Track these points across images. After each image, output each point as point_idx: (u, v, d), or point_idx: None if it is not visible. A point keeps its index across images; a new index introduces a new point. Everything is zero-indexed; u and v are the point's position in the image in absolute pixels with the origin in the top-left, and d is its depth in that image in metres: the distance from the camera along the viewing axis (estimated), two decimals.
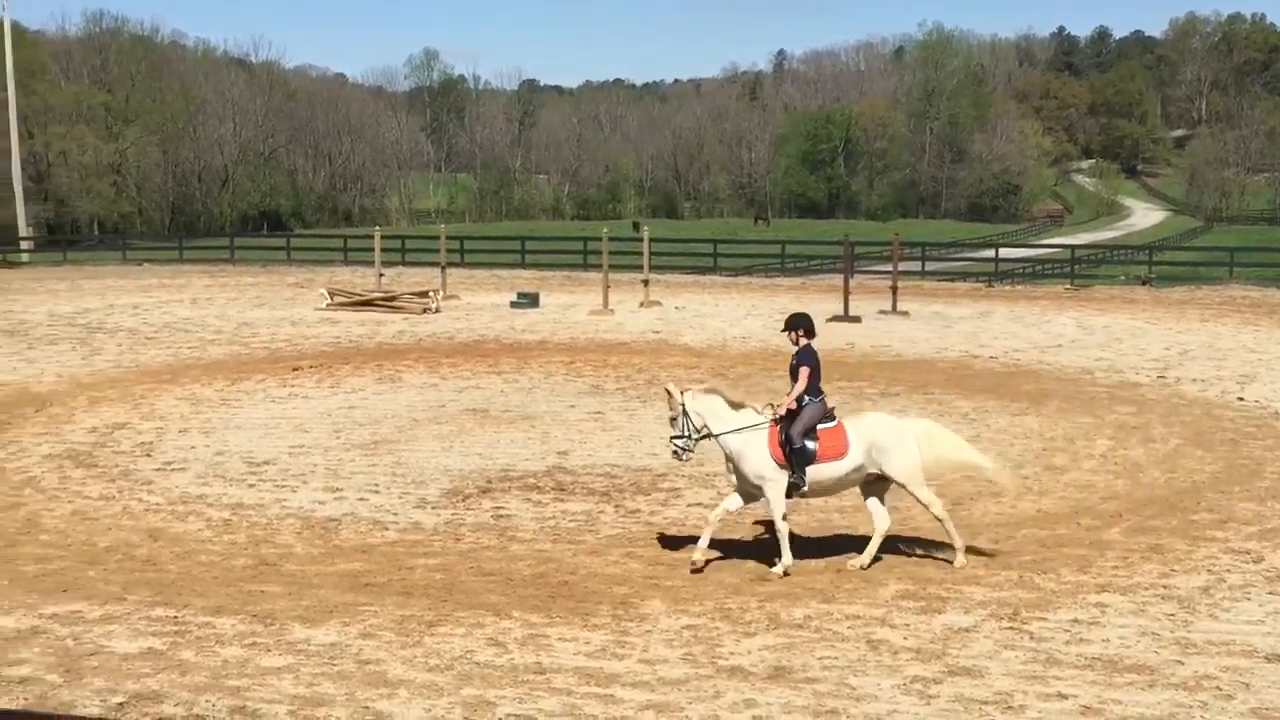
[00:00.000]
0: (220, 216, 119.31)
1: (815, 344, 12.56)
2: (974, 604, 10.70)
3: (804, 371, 12.15)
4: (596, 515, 13.71)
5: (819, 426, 11.96)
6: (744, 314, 33.18)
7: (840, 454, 11.87)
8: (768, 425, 11.92)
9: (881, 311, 32.94)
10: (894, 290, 33.74)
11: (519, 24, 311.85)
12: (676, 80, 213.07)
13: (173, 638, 10.01)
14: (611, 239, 37.09)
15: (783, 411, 12.02)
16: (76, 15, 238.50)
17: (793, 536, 11.84)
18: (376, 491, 14.80)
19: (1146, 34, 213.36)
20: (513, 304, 35.36)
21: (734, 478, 11.94)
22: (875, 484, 12.02)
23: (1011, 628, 10.14)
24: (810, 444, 11.81)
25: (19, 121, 70.85)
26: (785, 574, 11.56)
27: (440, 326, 30.83)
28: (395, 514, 13.82)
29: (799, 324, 12.53)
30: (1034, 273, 55.06)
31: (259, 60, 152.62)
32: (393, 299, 35.01)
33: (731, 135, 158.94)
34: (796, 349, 12.36)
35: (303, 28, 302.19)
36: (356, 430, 18.35)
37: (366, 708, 8.65)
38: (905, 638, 9.94)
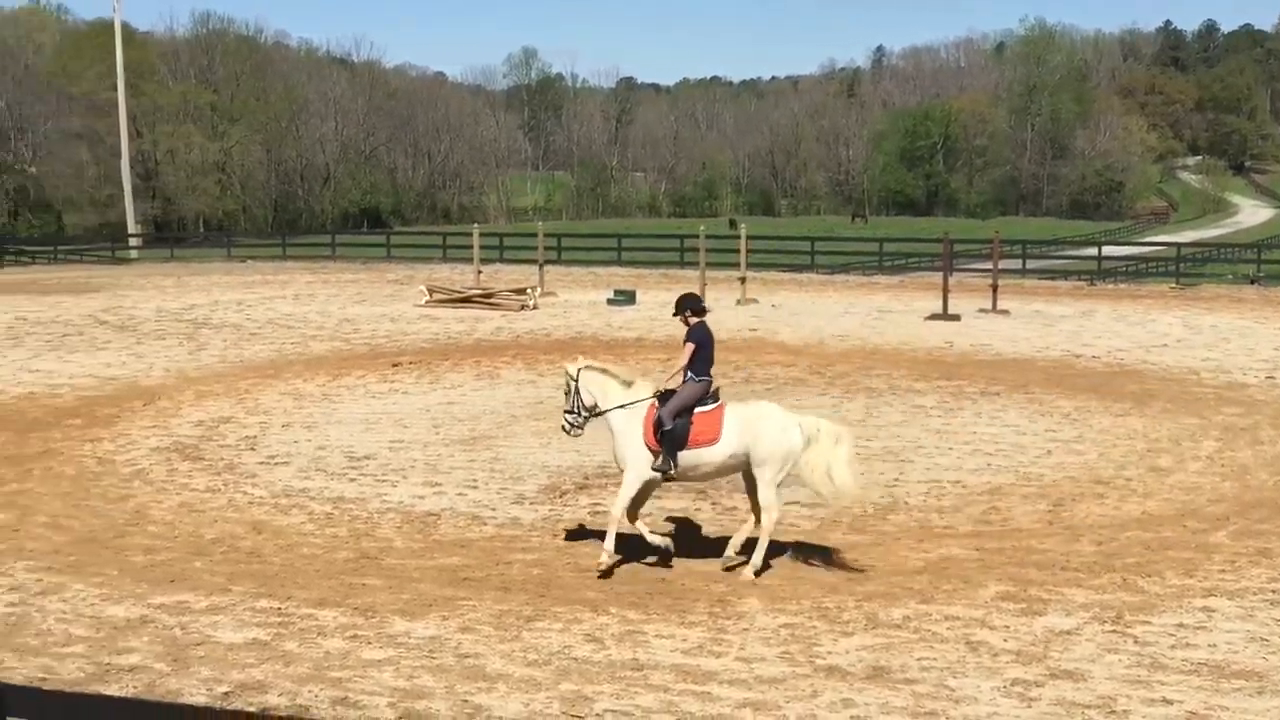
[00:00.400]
0: (321, 214, 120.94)
1: (710, 323, 12.35)
2: (1076, 606, 10.55)
3: (688, 348, 11.90)
4: (694, 512, 13.71)
5: (697, 410, 11.61)
6: (841, 312, 32.99)
7: (713, 439, 11.48)
8: (648, 405, 11.67)
9: (981, 310, 32.58)
10: (994, 288, 33.34)
11: (617, 22, 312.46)
12: (774, 77, 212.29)
13: (276, 629, 10.17)
14: (708, 236, 37.08)
15: (664, 388, 11.82)
16: (184, 16, 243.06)
17: (693, 531, 11.73)
18: (475, 487, 14.92)
19: (1256, 27, 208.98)
20: (609, 301, 35.45)
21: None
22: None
23: (1115, 631, 9.99)
24: (681, 426, 11.46)
25: (128, 121, 72.24)
26: (604, 570, 11.44)
27: (537, 323, 31.00)
28: (493, 509, 13.93)
29: (686, 305, 12.29)
30: (1138, 271, 54.15)
31: (360, 60, 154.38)
32: (491, 296, 35.26)
33: (829, 132, 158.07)
34: (688, 329, 12.06)
35: (403, 27, 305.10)
36: (455, 426, 18.51)
37: (465, 701, 8.72)
38: (1005, 640, 9.83)
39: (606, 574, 11.42)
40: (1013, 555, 11.99)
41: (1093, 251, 55.75)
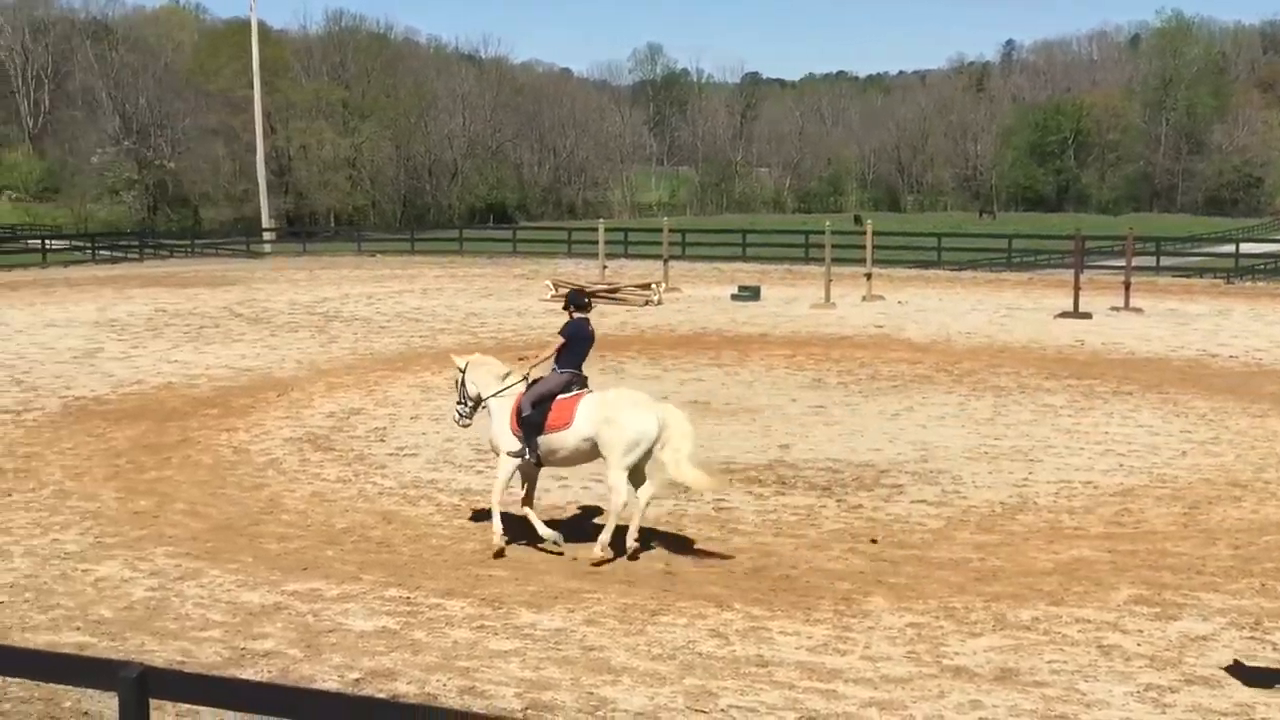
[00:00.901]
0: (449, 209, 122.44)
1: (593, 319, 13.10)
2: (1212, 611, 10.31)
3: (557, 341, 12.61)
4: (818, 510, 13.64)
5: (560, 397, 12.14)
6: (968, 309, 32.58)
7: (565, 424, 11.99)
8: (518, 393, 12.37)
9: (1113, 308, 31.97)
10: (1126, 286, 32.71)
11: (742, 17, 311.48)
12: (901, 72, 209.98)
13: (405, 618, 10.33)
14: (834, 232, 36.86)
15: (528, 373, 12.64)
16: (318, 14, 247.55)
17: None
18: (600, 481, 14.96)
19: None
20: (734, 297, 35.41)
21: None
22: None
23: (1253, 637, 9.74)
24: (539, 413, 12.03)
25: (263, 117, 73.75)
26: (497, 551, 11.98)
27: (662, 318, 31.07)
28: None
29: (570, 301, 13.03)
30: (1278, 269, 52.71)
31: (488, 56, 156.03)
32: (615, 291, 35.41)
33: (956, 127, 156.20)
34: (566, 322, 12.81)
35: (530, 24, 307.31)
36: None
37: (591, 693, 8.78)
38: (1139, 644, 9.64)
39: (499, 554, 12.01)
40: (1146, 558, 11.75)
41: (1230, 249, 54.47)
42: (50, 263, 53.25)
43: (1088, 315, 30.34)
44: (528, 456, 12.19)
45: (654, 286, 35.58)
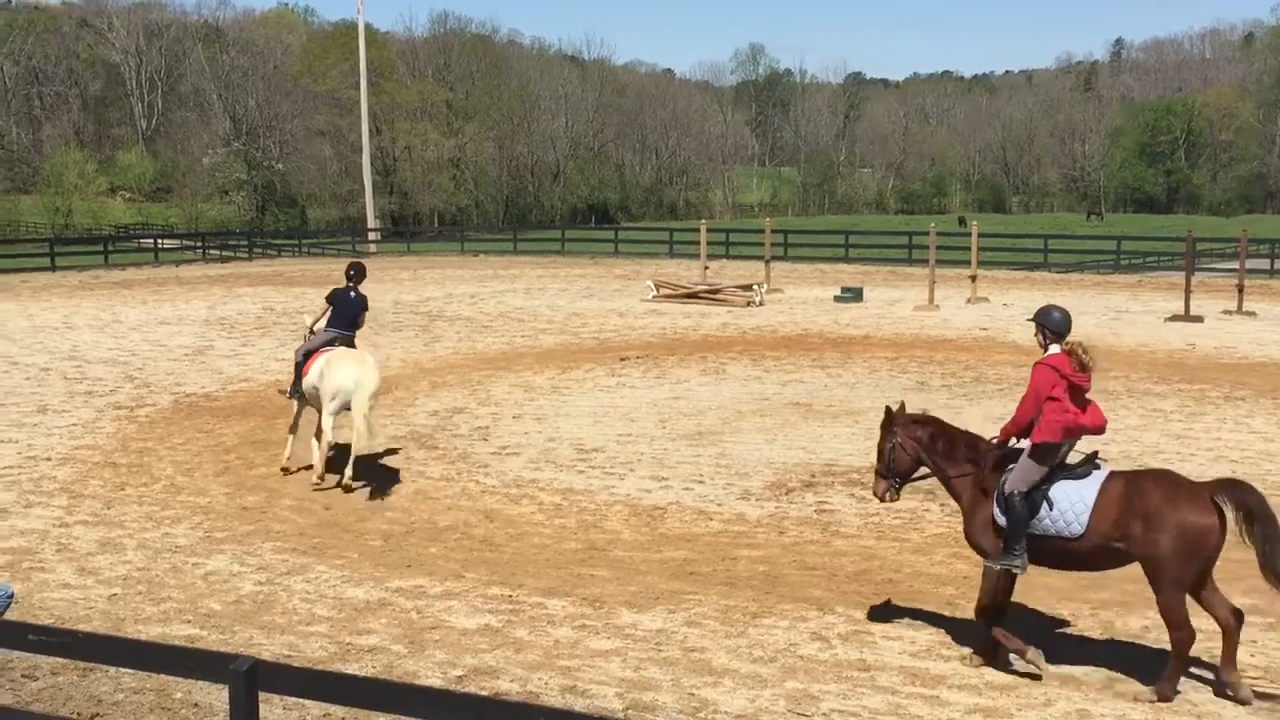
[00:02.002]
0: (551, 209, 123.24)
1: (367, 290, 16.46)
2: None
3: (326, 306, 15.95)
4: (921, 514, 13.51)
5: (317, 351, 15.25)
6: (1076, 311, 31.95)
7: (306, 373, 15.10)
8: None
9: (1225, 311, 31.31)
10: (1240, 289, 32.00)
11: (846, 17, 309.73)
12: (1007, 71, 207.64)
13: (508, 616, 10.40)
14: (938, 233, 36.50)
15: (309, 334, 16.05)
16: (423, 16, 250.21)
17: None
18: (701, 482, 14.98)
19: None
20: (836, 298, 35.21)
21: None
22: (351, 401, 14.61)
23: None
24: (302, 363, 15.29)
25: (369, 118, 74.68)
26: (318, 479, 14.72)
27: (764, 319, 30.97)
28: (719, 504, 13.97)
29: (350, 273, 16.17)
30: None
31: (591, 57, 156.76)
32: (717, 291, 35.37)
33: (1064, 127, 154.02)
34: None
35: (633, 25, 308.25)
36: (682, 421, 18.62)
37: (692, 694, 8.77)
38: (1251, 655, 9.43)
39: (286, 470, 15.46)
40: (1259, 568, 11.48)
41: None
42: (162, 261, 54.38)
43: (1199, 319, 29.74)
44: (291, 395, 15.82)
45: (756, 287, 35.48)
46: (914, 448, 9.64)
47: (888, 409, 9.89)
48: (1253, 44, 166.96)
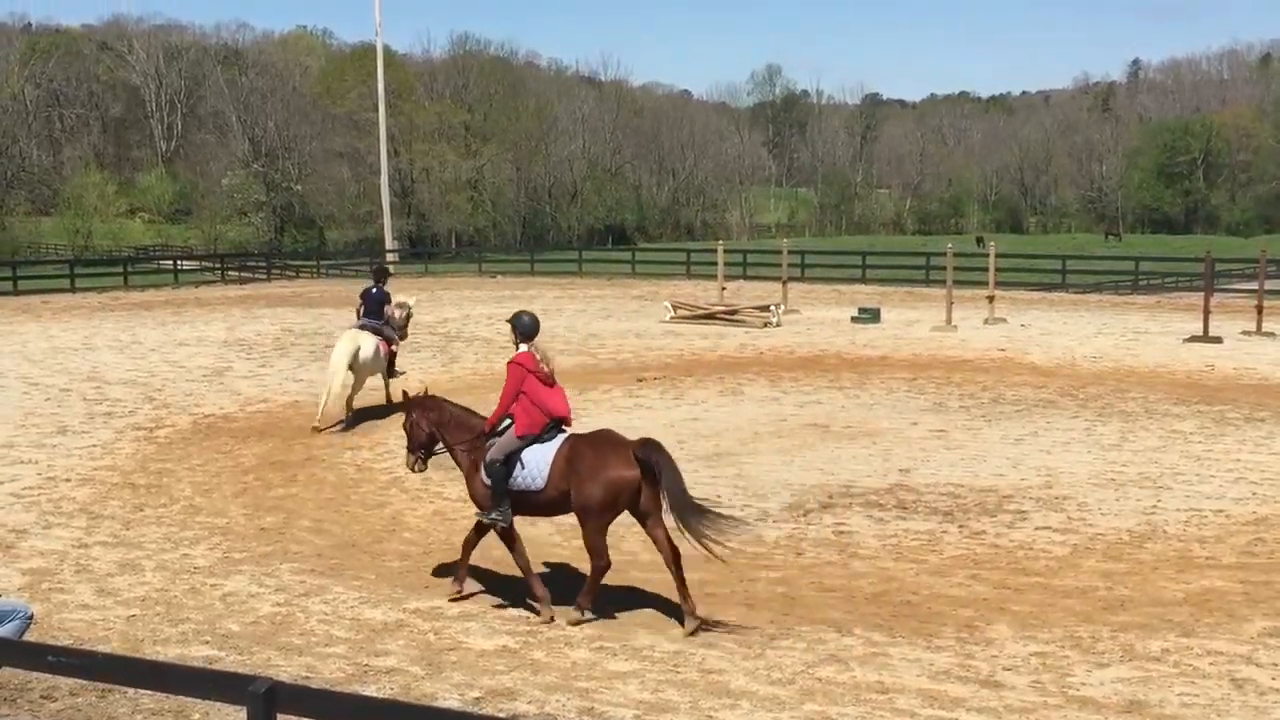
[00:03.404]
0: (568, 230, 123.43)
1: None
2: None
3: (360, 302, 21.34)
4: (940, 535, 13.48)
5: None
6: (1094, 332, 32.01)
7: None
8: None
9: (1245, 332, 31.19)
10: (1259, 309, 31.88)
11: (863, 38, 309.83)
12: (1024, 92, 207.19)
13: (525, 637, 10.40)
14: (955, 254, 36.45)
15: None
16: (442, 38, 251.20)
17: None
18: (718, 503, 14.92)
19: None
20: (854, 319, 35.17)
21: None
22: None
23: None
24: None
25: (387, 140, 74.95)
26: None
27: (781, 340, 30.95)
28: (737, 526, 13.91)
29: (374, 273, 22.34)
30: None
31: (608, 78, 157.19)
32: (734, 312, 35.35)
33: (1081, 147, 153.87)
34: None
35: (650, 46, 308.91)
36: (699, 442, 18.60)
37: (709, 717, 8.75)
38: (1274, 678, 9.37)
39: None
40: None
41: None
42: (182, 283, 54.55)
43: (1218, 339, 29.63)
44: None
45: (773, 308, 35.45)
46: (426, 425, 11.53)
47: (404, 393, 12.10)
48: (1270, 64, 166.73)
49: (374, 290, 21.63)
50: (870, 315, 35.21)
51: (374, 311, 21.43)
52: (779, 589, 11.68)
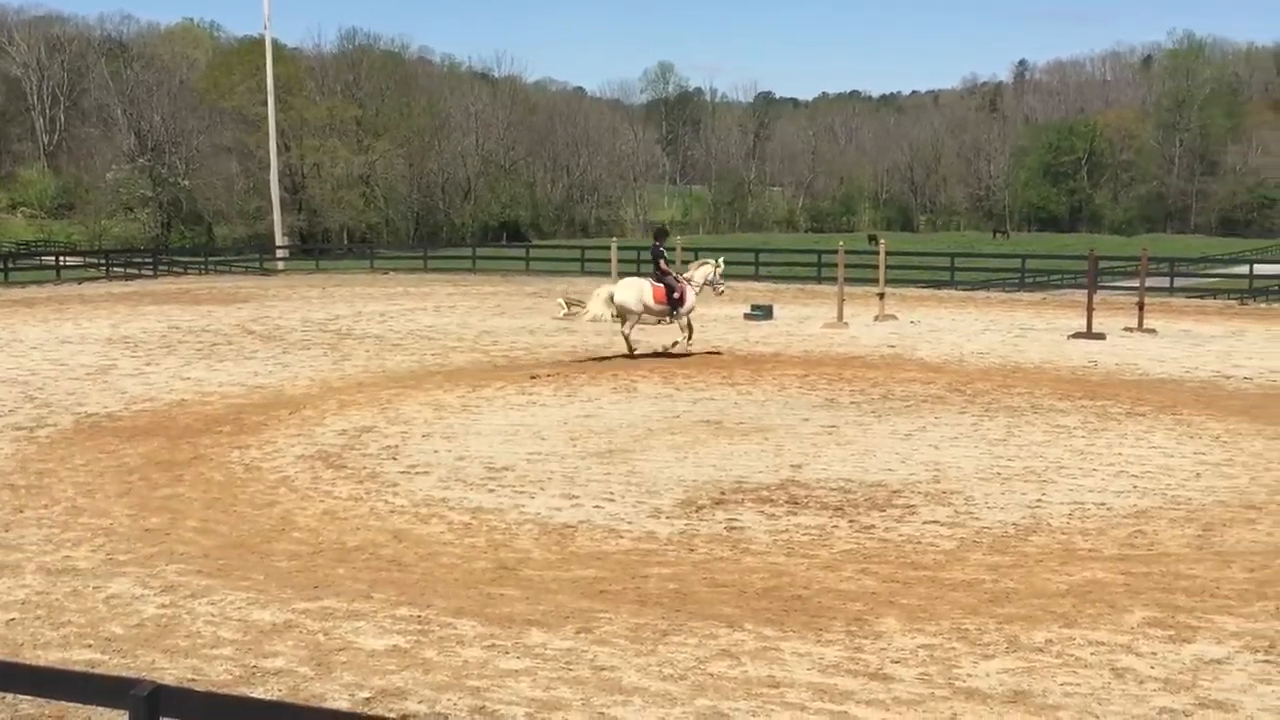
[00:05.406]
0: (462, 227, 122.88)
1: None
2: (1227, 635, 10.25)
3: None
4: (830, 530, 13.60)
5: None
6: (982, 329, 32.54)
7: None
8: None
9: (1126, 329, 31.91)
10: (1140, 307, 32.65)
11: (755, 37, 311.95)
12: (914, 92, 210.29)
13: (416, 636, 10.31)
14: (847, 251, 36.84)
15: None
16: (332, 33, 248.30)
17: None
18: (611, 500, 14.97)
19: None
20: (747, 316, 35.41)
21: None
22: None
23: (1268, 661, 9.67)
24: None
25: (277, 135, 74.00)
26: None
27: (674, 337, 31.02)
28: (630, 522, 13.96)
29: (655, 233, 23.24)
30: None
31: (501, 75, 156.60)
32: None
33: (969, 147, 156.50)
34: None
35: (543, 43, 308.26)
36: (592, 439, 18.61)
37: (601, 714, 8.75)
38: (1152, 667, 9.58)
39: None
40: (1160, 580, 11.69)
41: (1244, 270, 54.38)
42: (64, 279, 53.44)
43: (1101, 336, 30.28)
44: None
45: None
46: None
47: None
48: (1151, 67, 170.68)
49: (658, 248, 27.65)
50: (763, 312, 35.48)
51: (653, 263, 27.31)
52: (671, 585, 11.70)
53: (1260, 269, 55.71)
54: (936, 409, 20.90)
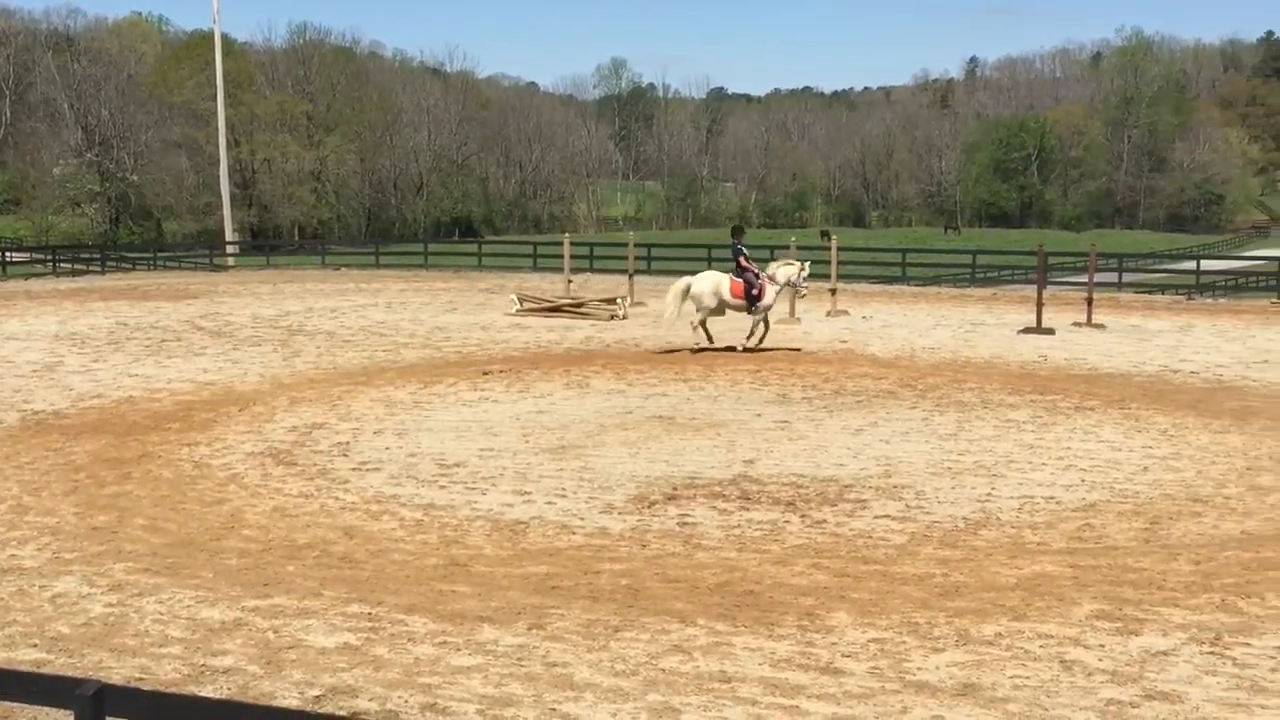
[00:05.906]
0: (414, 222, 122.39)
1: None
2: (1172, 626, 10.36)
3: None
4: (782, 525, 13.63)
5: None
6: (933, 324, 32.72)
7: None
8: None
9: (1076, 324, 32.17)
10: (1089, 302, 32.94)
11: (708, 33, 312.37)
12: (866, 88, 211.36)
13: (367, 634, 10.26)
14: (799, 247, 36.94)
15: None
16: (282, 27, 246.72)
17: None
18: (564, 495, 14.95)
19: None
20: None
21: None
22: None
23: (1213, 652, 9.78)
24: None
25: (227, 130, 73.44)
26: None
27: (627, 333, 31.06)
28: (582, 518, 13.94)
29: (734, 231, 22.49)
30: (1238, 286, 53.27)
31: (454, 70, 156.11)
32: (581, 305, 35.40)
33: (921, 143, 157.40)
34: None
35: (496, 39, 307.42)
36: (545, 435, 18.58)
37: (554, 710, 8.74)
38: (1100, 659, 9.66)
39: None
40: (1108, 573, 11.79)
41: (1191, 265, 54.84)
42: (10, 275, 52.86)
43: (1050, 331, 30.51)
44: None
45: (619, 301, 35.58)
46: None
47: None
48: (1100, 64, 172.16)
49: (737, 246, 28.23)
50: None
51: (734, 259, 27.73)
52: (623, 581, 11.70)
53: (1207, 265, 56.31)
54: (888, 404, 21.00)
